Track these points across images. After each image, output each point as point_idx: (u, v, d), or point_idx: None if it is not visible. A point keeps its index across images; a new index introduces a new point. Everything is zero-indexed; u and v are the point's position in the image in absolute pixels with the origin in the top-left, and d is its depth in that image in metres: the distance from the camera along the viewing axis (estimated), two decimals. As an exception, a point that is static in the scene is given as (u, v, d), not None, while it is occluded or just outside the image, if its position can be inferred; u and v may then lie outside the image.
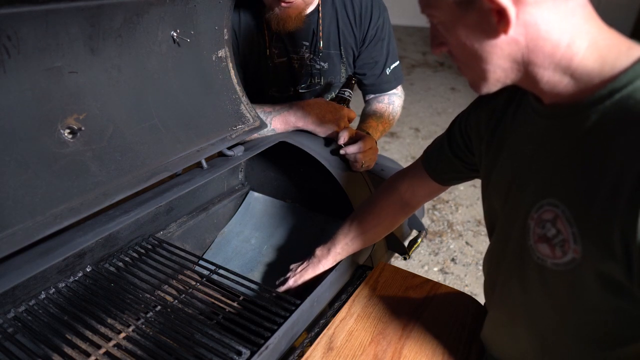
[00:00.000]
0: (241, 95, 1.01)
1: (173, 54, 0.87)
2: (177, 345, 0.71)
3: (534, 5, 0.47)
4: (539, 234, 0.55)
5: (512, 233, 0.62)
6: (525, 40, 0.49)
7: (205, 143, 0.92)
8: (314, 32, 1.17)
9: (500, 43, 0.50)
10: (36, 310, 0.76)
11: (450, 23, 0.52)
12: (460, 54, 0.55)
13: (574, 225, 0.50)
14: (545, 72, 0.51)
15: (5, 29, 0.58)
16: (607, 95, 0.48)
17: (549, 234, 0.53)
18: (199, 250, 1.12)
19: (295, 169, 1.18)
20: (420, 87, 4.50)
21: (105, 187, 0.74)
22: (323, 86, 1.28)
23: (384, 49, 1.26)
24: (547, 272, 0.55)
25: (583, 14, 0.49)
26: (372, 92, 1.32)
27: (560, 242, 0.52)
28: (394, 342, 0.81)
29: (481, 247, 2.35)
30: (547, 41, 0.49)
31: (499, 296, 0.69)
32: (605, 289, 0.49)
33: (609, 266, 0.47)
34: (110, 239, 0.90)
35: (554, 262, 0.54)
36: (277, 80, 1.22)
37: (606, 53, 0.49)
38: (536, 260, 0.56)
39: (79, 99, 0.72)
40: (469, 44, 0.52)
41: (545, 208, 0.54)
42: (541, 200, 0.55)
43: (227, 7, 0.95)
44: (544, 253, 0.55)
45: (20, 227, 0.63)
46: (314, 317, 0.86)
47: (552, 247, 0.53)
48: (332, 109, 1.09)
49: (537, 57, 0.50)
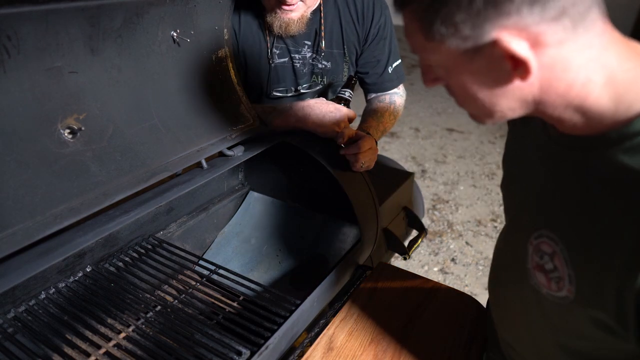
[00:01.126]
0: (241, 95, 1.01)
1: (173, 54, 0.87)
2: (177, 345, 0.70)
3: (556, 46, 0.41)
4: (537, 262, 0.54)
5: (516, 248, 0.60)
6: (539, 82, 0.44)
7: (205, 143, 0.92)
8: (316, 32, 1.17)
9: (513, 88, 0.45)
10: (36, 310, 0.76)
11: (453, 68, 0.47)
12: (461, 95, 0.50)
13: (570, 267, 0.49)
14: (556, 110, 0.47)
15: (5, 29, 0.58)
16: (616, 141, 0.44)
17: (547, 267, 0.52)
18: (199, 250, 1.12)
19: (295, 169, 1.18)
20: (420, 87, 4.50)
21: (105, 187, 0.74)
22: (325, 85, 1.28)
23: (386, 47, 1.26)
24: (542, 297, 0.54)
25: (601, 43, 0.43)
26: (374, 91, 1.32)
27: (556, 277, 0.51)
28: (394, 342, 0.81)
29: (481, 247, 2.35)
30: (561, 82, 0.44)
31: (502, 294, 0.68)
32: (597, 327, 0.48)
33: (600, 315, 0.47)
34: (110, 239, 0.90)
35: (549, 293, 0.53)
36: (278, 80, 1.22)
37: (623, 91, 0.44)
38: (533, 285, 0.55)
39: (79, 99, 0.72)
40: (476, 89, 0.47)
41: (544, 240, 0.52)
42: (542, 229, 0.53)
43: (227, 7, 0.95)
44: (540, 282, 0.54)
45: (20, 227, 0.63)
46: (314, 317, 0.86)
47: (549, 279, 0.52)
48: (332, 109, 1.09)
49: (549, 97, 0.45)
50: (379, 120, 1.24)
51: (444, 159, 3.23)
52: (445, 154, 3.30)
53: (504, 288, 0.66)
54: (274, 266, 1.09)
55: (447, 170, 3.08)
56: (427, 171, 3.07)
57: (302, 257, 1.10)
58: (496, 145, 3.41)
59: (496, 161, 3.20)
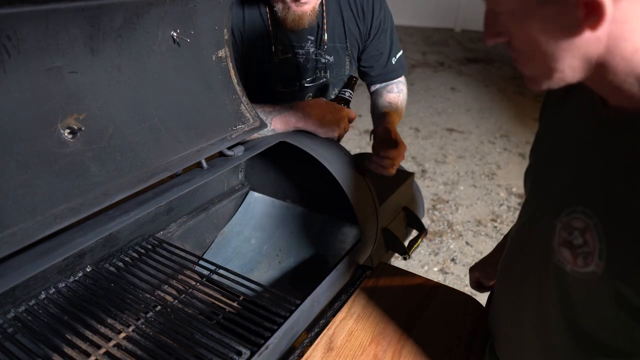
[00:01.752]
0: (241, 95, 1.01)
1: (173, 54, 0.87)
2: (177, 345, 0.70)
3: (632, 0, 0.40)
4: (564, 238, 0.53)
5: (541, 228, 0.59)
6: (607, 39, 0.42)
7: (205, 143, 0.92)
8: (319, 26, 1.19)
9: (580, 41, 0.43)
10: (36, 310, 0.76)
11: (522, 14, 0.45)
12: (526, 49, 0.48)
13: (603, 241, 0.48)
14: (616, 77, 0.45)
15: (5, 29, 0.58)
16: None
17: (575, 243, 0.51)
18: (199, 250, 1.12)
19: (295, 169, 1.18)
20: (420, 87, 4.50)
21: (105, 187, 0.74)
22: (328, 79, 1.30)
23: (388, 39, 1.29)
24: (565, 276, 0.53)
25: None
26: (378, 82, 1.35)
27: (584, 252, 0.50)
28: (394, 342, 0.81)
29: (481, 247, 2.35)
30: (629, 43, 0.42)
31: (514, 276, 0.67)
32: (619, 307, 0.48)
33: (628, 291, 0.46)
34: (110, 239, 0.90)
35: (573, 270, 0.52)
36: (282, 76, 1.24)
37: None
38: (556, 262, 0.55)
39: (79, 99, 0.72)
40: (542, 40, 0.45)
41: (577, 216, 0.51)
42: (575, 205, 0.52)
43: (227, 7, 0.94)
44: (565, 258, 0.53)
45: (20, 227, 0.63)
46: (314, 317, 0.86)
47: (575, 255, 0.51)
48: (332, 109, 1.09)
49: (613, 60, 0.44)
50: (396, 112, 1.27)
51: (444, 159, 3.23)
52: (445, 154, 3.30)
53: (519, 274, 0.65)
54: (274, 266, 1.09)
55: (447, 170, 3.08)
56: (427, 171, 3.07)
57: (302, 257, 1.11)
58: (496, 145, 3.41)
59: (496, 161, 3.20)
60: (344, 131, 1.11)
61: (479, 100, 4.23)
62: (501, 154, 3.30)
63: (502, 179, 2.98)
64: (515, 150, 3.33)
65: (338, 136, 1.10)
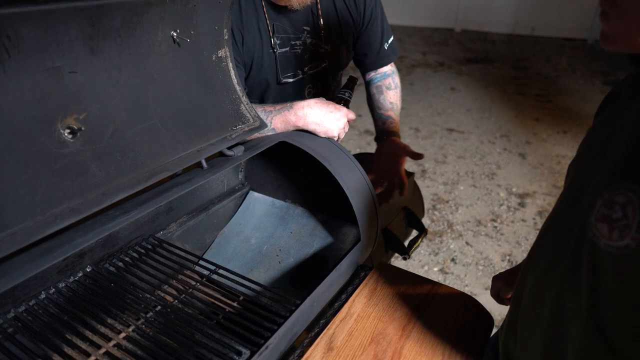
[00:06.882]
0: (241, 95, 1.01)
1: (173, 54, 0.87)
2: (177, 345, 0.71)
3: None
4: (603, 212, 0.53)
5: (579, 207, 0.59)
6: None
7: (205, 143, 0.92)
8: (314, 14, 1.22)
9: None
10: (36, 310, 0.76)
11: None
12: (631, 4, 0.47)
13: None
14: None
15: (5, 29, 0.58)
16: None
17: (614, 216, 0.51)
18: (199, 250, 1.12)
19: (295, 169, 1.18)
20: (420, 87, 4.50)
21: (105, 187, 0.74)
22: (329, 67, 1.33)
23: (379, 26, 1.33)
24: (597, 251, 0.53)
25: None
26: (373, 69, 1.39)
27: (622, 226, 0.50)
28: (394, 342, 0.81)
29: (481, 247, 2.35)
30: None
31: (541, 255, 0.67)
32: None
33: None
34: (110, 239, 0.90)
35: (607, 244, 0.52)
36: (284, 68, 1.26)
37: None
38: (591, 237, 0.54)
39: (79, 99, 0.72)
40: None
41: (621, 191, 0.51)
42: (621, 182, 0.52)
43: (227, 7, 0.94)
44: (601, 232, 0.53)
45: (20, 227, 0.63)
46: (314, 317, 0.86)
47: (612, 229, 0.51)
48: (332, 109, 1.09)
49: None
50: (397, 111, 1.35)
51: (444, 159, 3.23)
52: (445, 154, 3.30)
53: (547, 254, 0.65)
54: (274, 266, 1.09)
55: (447, 170, 3.08)
56: (427, 171, 3.07)
57: (302, 257, 1.10)
58: (496, 145, 3.42)
59: (496, 161, 3.20)
60: (344, 131, 1.12)
61: (479, 100, 4.23)
62: (501, 154, 3.30)
63: (502, 179, 2.98)
64: (515, 150, 3.33)
65: (338, 136, 1.10)
